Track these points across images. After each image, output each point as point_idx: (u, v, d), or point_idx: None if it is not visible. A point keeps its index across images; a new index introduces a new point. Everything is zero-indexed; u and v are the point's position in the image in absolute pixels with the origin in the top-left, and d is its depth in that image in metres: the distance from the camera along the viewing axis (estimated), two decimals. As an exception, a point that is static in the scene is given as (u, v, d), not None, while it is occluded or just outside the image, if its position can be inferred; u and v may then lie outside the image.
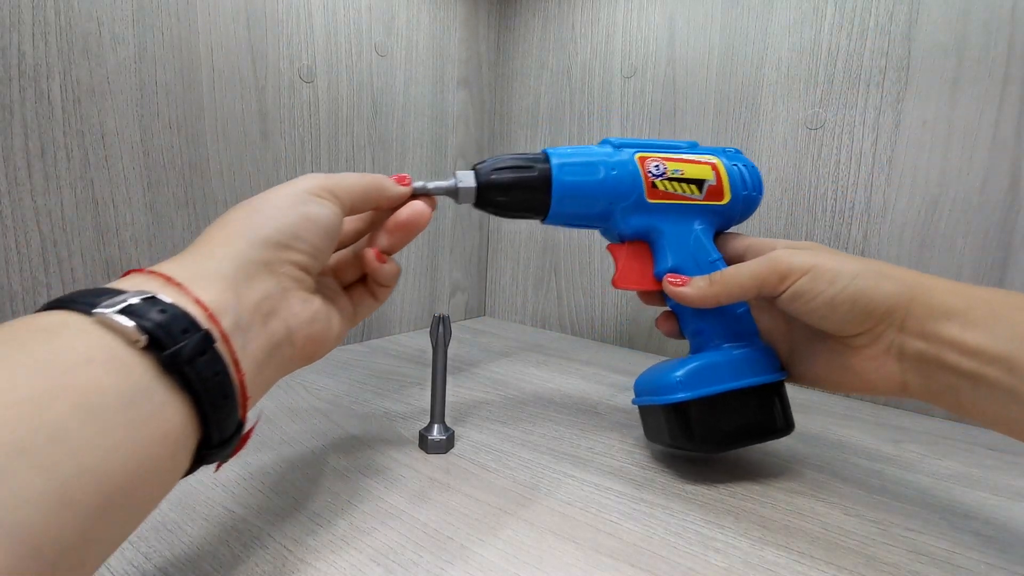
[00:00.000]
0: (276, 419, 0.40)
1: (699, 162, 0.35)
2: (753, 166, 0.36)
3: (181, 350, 0.18)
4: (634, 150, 0.35)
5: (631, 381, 0.53)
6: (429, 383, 0.37)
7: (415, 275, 0.68)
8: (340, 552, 0.26)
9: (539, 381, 0.52)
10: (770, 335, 0.35)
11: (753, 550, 0.27)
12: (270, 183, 0.51)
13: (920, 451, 0.40)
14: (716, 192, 0.35)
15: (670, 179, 0.34)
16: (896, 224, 0.48)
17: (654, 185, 0.34)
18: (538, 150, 0.70)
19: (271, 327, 0.23)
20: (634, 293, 0.64)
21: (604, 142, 0.36)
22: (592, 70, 0.65)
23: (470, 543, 0.27)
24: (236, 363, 0.20)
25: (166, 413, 0.17)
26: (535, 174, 0.33)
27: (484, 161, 0.34)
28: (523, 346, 0.64)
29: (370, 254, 0.30)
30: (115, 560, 0.24)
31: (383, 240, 0.30)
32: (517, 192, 0.33)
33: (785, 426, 0.33)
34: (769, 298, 0.31)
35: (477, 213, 0.76)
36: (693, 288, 0.32)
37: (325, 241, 0.26)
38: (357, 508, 0.29)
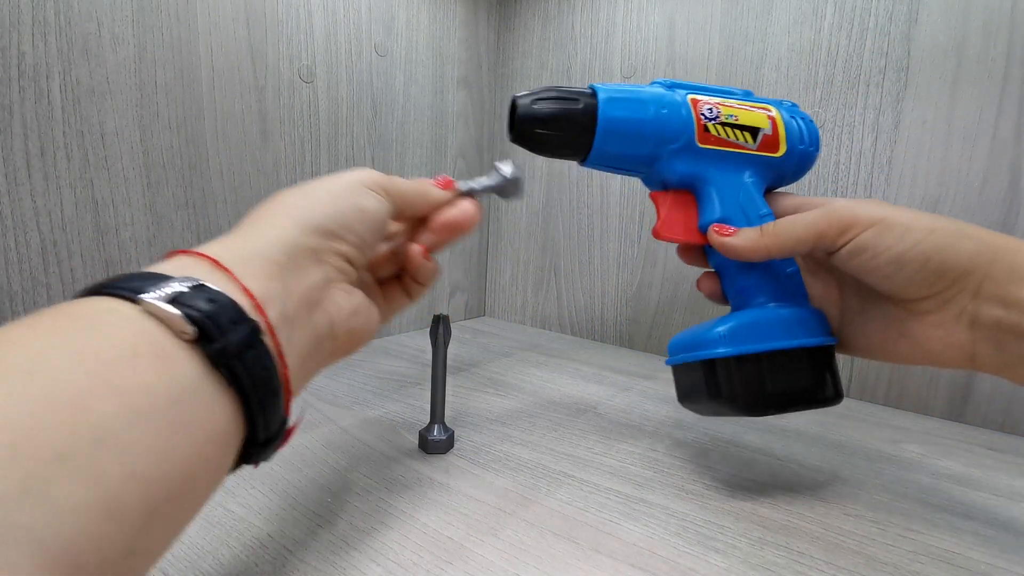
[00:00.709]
0: (276, 419, 0.40)
1: (755, 110, 0.32)
2: (811, 120, 0.34)
3: (230, 344, 0.17)
4: (687, 91, 0.32)
5: (631, 381, 0.53)
6: (429, 383, 0.37)
7: (415, 275, 0.68)
8: (340, 552, 0.26)
9: (539, 381, 0.52)
10: (818, 301, 0.33)
11: (753, 550, 0.27)
12: (270, 183, 0.51)
13: (920, 451, 0.40)
14: (771, 143, 0.32)
15: (723, 124, 0.31)
16: (896, 224, 0.48)
17: (706, 128, 0.31)
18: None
19: (315, 319, 0.22)
20: (634, 293, 0.65)
21: (655, 83, 0.33)
22: (592, 70, 0.65)
23: (470, 543, 0.27)
24: (281, 356, 0.19)
25: (213, 412, 0.16)
26: (580, 107, 0.31)
27: (525, 92, 0.31)
28: (523, 346, 0.64)
29: (415, 250, 0.29)
30: (115, 560, 0.24)
31: (428, 237, 0.29)
32: (559, 124, 0.31)
33: (835, 395, 0.30)
34: (826, 253, 0.28)
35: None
36: (742, 239, 0.30)
37: (374, 235, 0.25)
38: (357, 508, 0.29)
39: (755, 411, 0.29)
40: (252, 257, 0.20)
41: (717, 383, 0.30)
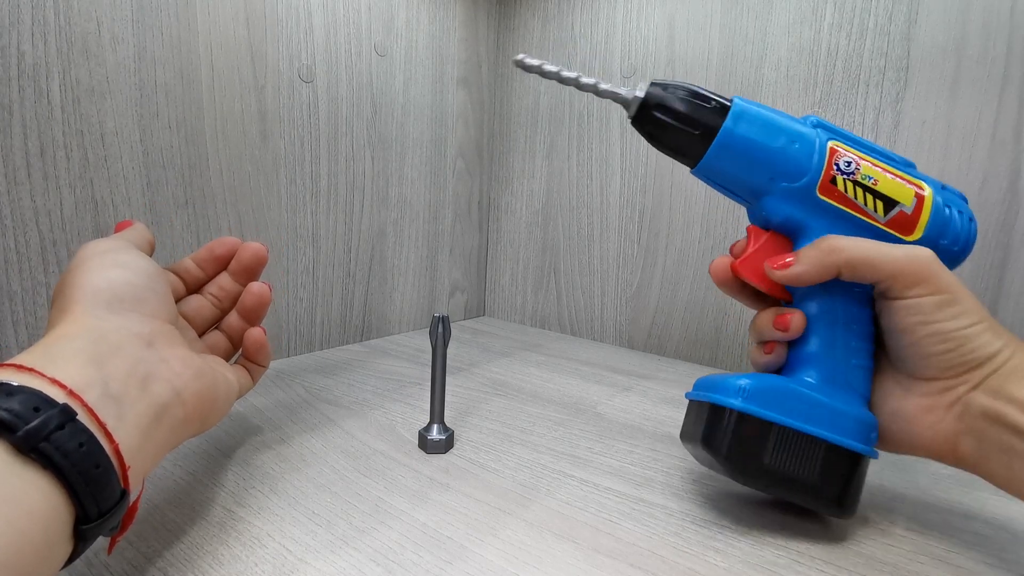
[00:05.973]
0: (275, 419, 0.40)
1: (903, 182, 0.28)
2: (972, 219, 0.29)
3: (36, 428, 0.18)
4: (832, 136, 0.29)
5: (631, 381, 0.53)
6: (429, 383, 0.37)
7: (415, 275, 0.68)
8: (340, 552, 0.26)
9: (539, 381, 0.52)
10: None
11: (753, 550, 0.27)
12: (269, 183, 0.51)
13: (920, 451, 0.40)
14: (905, 223, 0.28)
15: (856, 183, 0.28)
16: (895, 224, 0.48)
17: (833, 180, 0.28)
18: (542, 148, 0.71)
19: (153, 391, 0.23)
20: (634, 293, 0.65)
21: (807, 117, 0.30)
22: (592, 70, 0.65)
23: (470, 543, 0.27)
24: (107, 433, 0.20)
25: (29, 492, 0.17)
26: (708, 107, 0.29)
27: (666, 84, 0.29)
28: (523, 346, 0.64)
29: (254, 333, 0.34)
30: (115, 560, 0.24)
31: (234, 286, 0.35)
32: (680, 117, 0.29)
33: (839, 504, 0.27)
34: (889, 293, 0.27)
35: (476, 214, 0.76)
36: (804, 261, 0.27)
37: (155, 282, 0.27)
38: (357, 508, 0.29)
39: (742, 477, 0.27)
40: (60, 354, 0.21)
41: (714, 432, 0.27)
